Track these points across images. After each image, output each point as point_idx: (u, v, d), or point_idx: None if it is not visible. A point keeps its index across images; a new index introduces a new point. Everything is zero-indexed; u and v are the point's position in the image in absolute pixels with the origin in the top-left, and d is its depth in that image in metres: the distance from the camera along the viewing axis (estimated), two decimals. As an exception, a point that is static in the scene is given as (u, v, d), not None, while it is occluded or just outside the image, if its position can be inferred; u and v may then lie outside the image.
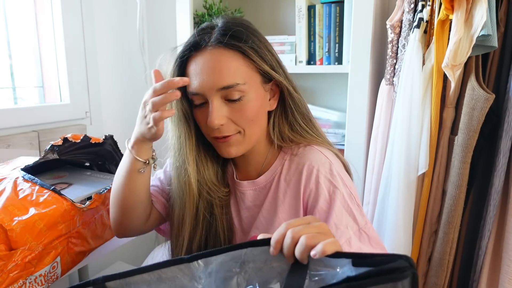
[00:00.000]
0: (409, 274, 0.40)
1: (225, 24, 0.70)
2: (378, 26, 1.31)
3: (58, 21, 1.43)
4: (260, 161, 0.78)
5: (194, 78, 0.68)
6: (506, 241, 1.08)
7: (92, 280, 0.57)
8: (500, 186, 1.08)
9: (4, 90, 1.37)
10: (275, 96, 0.76)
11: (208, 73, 0.67)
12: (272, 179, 0.76)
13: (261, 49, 0.70)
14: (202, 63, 0.67)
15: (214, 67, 0.66)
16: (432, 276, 1.19)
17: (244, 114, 0.69)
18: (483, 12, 0.97)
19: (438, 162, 1.17)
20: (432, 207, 1.18)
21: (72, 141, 0.86)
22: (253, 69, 0.69)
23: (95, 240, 0.80)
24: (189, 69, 0.69)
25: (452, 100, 1.14)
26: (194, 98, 0.70)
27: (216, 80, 0.66)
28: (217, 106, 0.67)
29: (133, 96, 1.78)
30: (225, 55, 0.67)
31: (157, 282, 0.57)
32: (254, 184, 0.78)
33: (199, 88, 0.68)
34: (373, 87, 1.32)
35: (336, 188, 0.70)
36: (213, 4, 1.51)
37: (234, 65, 0.67)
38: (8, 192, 0.71)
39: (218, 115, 0.67)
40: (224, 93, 0.67)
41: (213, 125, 0.68)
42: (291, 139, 0.76)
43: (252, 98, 0.69)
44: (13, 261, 0.63)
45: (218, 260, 0.57)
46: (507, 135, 1.05)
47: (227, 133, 0.70)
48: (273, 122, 0.77)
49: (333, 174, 0.72)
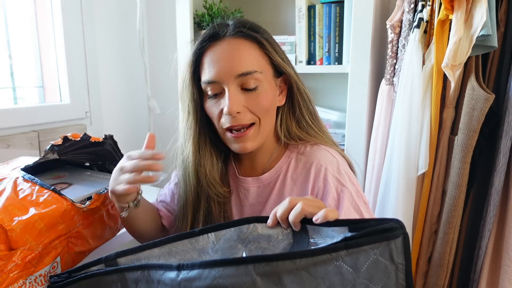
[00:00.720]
0: (400, 233, 0.44)
1: (240, 20, 0.73)
2: (378, 26, 1.31)
3: (58, 21, 1.43)
4: (266, 158, 0.79)
5: (211, 67, 0.69)
6: (506, 241, 1.08)
7: (104, 258, 0.58)
8: (500, 186, 1.08)
9: (4, 90, 1.37)
10: (283, 93, 0.77)
11: (226, 60, 0.68)
12: (277, 177, 0.76)
13: (275, 43, 0.73)
14: (220, 51, 0.69)
15: (233, 55, 0.68)
16: (432, 276, 1.19)
17: (260, 103, 0.70)
18: (483, 12, 0.97)
19: (438, 162, 1.17)
20: (432, 207, 1.18)
21: (72, 140, 0.86)
22: (267, 61, 0.71)
23: (95, 240, 0.80)
24: (206, 59, 0.71)
25: (452, 100, 1.14)
26: (209, 87, 0.71)
27: (234, 66, 0.67)
28: (234, 94, 0.68)
29: (133, 96, 1.78)
30: (243, 43, 0.69)
31: (167, 255, 0.59)
32: (258, 181, 0.78)
33: (216, 75, 0.68)
34: (373, 87, 1.32)
35: (344, 187, 0.70)
36: (213, 4, 1.51)
37: (252, 54, 0.69)
38: (8, 192, 0.71)
39: (235, 102, 0.68)
40: (241, 81, 0.68)
41: (231, 112, 0.67)
42: (298, 136, 0.77)
43: (266, 88, 0.71)
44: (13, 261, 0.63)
45: (226, 236, 0.58)
46: (507, 135, 1.05)
47: (243, 121, 0.70)
48: (281, 118, 0.77)
49: (341, 172, 0.72)
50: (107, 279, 0.56)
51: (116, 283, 0.55)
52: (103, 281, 0.56)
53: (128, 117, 1.77)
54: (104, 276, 0.56)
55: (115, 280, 0.55)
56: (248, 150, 0.73)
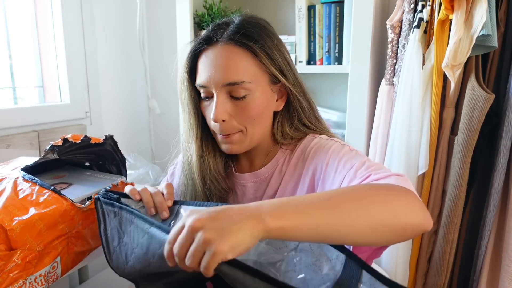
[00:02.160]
0: None
1: (241, 22, 0.71)
2: (378, 26, 1.31)
3: (58, 21, 1.43)
4: (262, 156, 0.79)
5: (203, 71, 0.70)
6: (506, 241, 1.08)
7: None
8: (500, 186, 1.08)
9: (4, 90, 1.37)
10: (283, 98, 0.76)
11: (216, 68, 0.68)
12: (274, 170, 0.77)
13: (272, 51, 0.70)
14: (212, 57, 0.69)
15: (222, 63, 0.68)
16: (432, 276, 1.19)
17: (247, 113, 0.70)
18: (483, 12, 0.97)
19: (438, 162, 1.17)
20: (432, 207, 1.18)
21: (72, 141, 0.86)
22: (262, 69, 0.70)
23: (95, 240, 0.80)
24: (200, 62, 0.71)
25: (452, 100, 1.14)
26: (202, 90, 0.71)
27: (223, 75, 0.67)
28: (221, 101, 0.68)
29: (133, 96, 1.78)
30: (234, 52, 0.68)
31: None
32: (255, 176, 0.78)
33: (207, 81, 0.69)
34: (373, 87, 1.32)
35: (332, 143, 0.71)
36: (213, 4, 1.51)
37: (243, 63, 0.68)
38: (8, 192, 0.71)
39: (221, 110, 0.68)
40: (229, 89, 0.68)
41: (216, 120, 0.68)
42: (295, 136, 0.77)
43: (257, 97, 0.70)
44: (13, 261, 0.63)
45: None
46: (507, 135, 1.05)
47: (228, 131, 0.71)
48: (278, 123, 0.77)
49: (329, 139, 0.73)
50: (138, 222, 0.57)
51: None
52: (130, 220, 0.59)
53: (128, 117, 1.77)
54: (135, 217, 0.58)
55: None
56: (234, 152, 0.73)
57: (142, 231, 0.55)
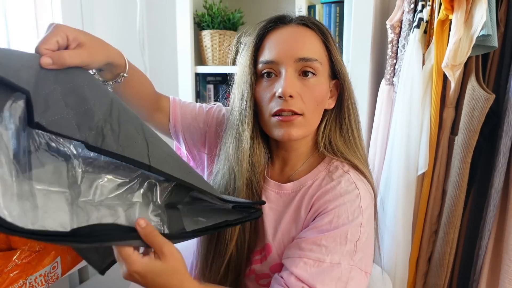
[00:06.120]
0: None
1: (306, 16, 0.74)
2: (378, 26, 1.31)
3: (58, 21, 1.44)
4: (298, 163, 0.75)
5: (272, 48, 0.69)
6: (506, 241, 1.08)
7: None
8: (500, 186, 1.08)
9: (4, 90, 1.37)
10: (334, 97, 0.75)
11: (290, 42, 0.68)
12: (298, 191, 0.72)
13: (335, 41, 0.73)
14: (285, 33, 0.69)
15: (297, 38, 0.68)
16: (432, 276, 1.19)
17: (313, 94, 0.68)
18: (483, 12, 0.97)
19: (438, 162, 1.17)
20: (432, 207, 1.18)
21: (72, 141, 0.86)
22: (327, 57, 0.71)
23: (95, 240, 0.80)
24: (268, 41, 0.70)
25: (452, 100, 1.14)
26: (266, 68, 0.69)
27: (297, 49, 0.67)
28: (291, 77, 0.67)
29: (133, 96, 1.78)
30: (308, 32, 0.70)
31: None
32: (279, 188, 0.74)
33: (277, 56, 0.67)
34: (373, 87, 1.32)
35: (348, 206, 0.67)
36: (213, 4, 1.51)
37: (315, 44, 0.69)
38: (8, 192, 0.71)
39: (290, 84, 0.66)
40: (300, 66, 0.67)
41: (285, 93, 0.65)
42: (337, 148, 0.73)
43: (322, 81, 0.69)
44: (13, 261, 0.63)
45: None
46: (507, 135, 1.05)
47: (293, 107, 0.66)
48: (325, 124, 0.74)
49: (352, 191, 0.68)
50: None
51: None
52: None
53: (128, 117, 1.77)
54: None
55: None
56: (293, 138, 0.68)
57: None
